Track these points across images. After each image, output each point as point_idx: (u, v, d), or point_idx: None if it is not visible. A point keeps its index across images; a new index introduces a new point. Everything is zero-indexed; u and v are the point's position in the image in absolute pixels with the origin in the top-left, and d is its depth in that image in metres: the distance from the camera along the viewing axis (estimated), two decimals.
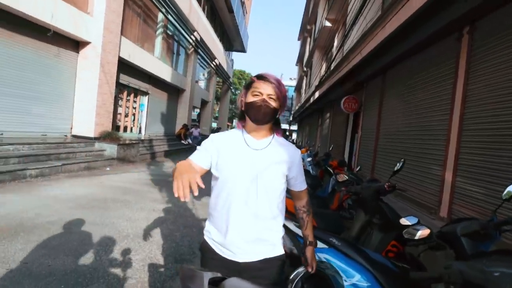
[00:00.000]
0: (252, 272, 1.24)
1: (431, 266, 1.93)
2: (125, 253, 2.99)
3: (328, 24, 13.99)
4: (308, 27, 23.23)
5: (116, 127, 10.78)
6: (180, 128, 15.61)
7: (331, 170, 5.31)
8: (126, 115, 11.86)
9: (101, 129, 8.80)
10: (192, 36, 15.18)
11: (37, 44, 7.18)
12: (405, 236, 1.96)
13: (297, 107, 31.71)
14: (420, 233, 1.90)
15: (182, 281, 1.12)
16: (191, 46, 16.04)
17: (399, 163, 2.61)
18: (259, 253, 1.28)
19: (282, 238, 1.36)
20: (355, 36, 7.96)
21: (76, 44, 8.33)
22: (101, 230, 3.48)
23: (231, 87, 31.59)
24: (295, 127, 41.57)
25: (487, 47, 3.70)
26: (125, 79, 10.92)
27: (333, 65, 11.18)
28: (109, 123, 9.28)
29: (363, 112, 8.76)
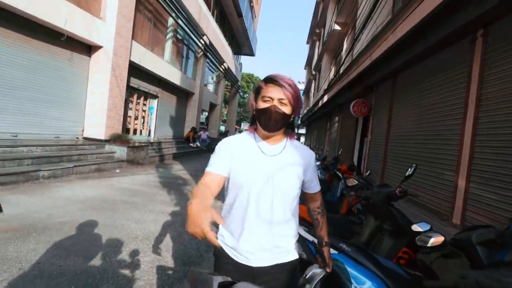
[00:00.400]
0: (266, 277, 1.23)
1: (443, 274, 1.87)
2: (133, 254, 3.01)
3: (337, 27, 13.95)
4: (317, 30, 23.20)
5: (126, 129, 10.92)
6: (189, 131, 15.72)
7: (340, 175, 5.26)
8: (136, 118, 12.02)
9: (111, 131, 8.93)
10: (202, 40, 15.33)
11: (51, 49, 7.36)
12: (418, 243, 1.91)
13: (305, 111, 31.59)
14: (433, 240, 1.85)
15: (192, 285, 1.12)
16: (200, 50, 16.19)
17: (410, 168, 2.56)
18: (273, 258, 1.26)
19: (296, 242, 1.34)
20: (365, 40, 7.91)
21: (88, 48, 8.51)
22: (110, 232, 3.52)
23: (240, 91, 31.71)
24: (303, 130, 41.44)
25: (501, 50, 3.62)
26: (136, 82, 11.08)
27: (342, 69, 11.12)
28: (119, 126, 9.42)
29: (372, 116, 8.67)
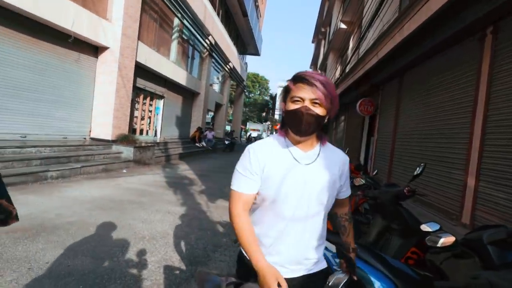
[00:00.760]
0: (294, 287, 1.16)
1: (454, 275, 1.84)
2: (141, 254, 3.02)
3: (343, 26, 13.86)
4: (323, 29, 23.08)
5: (132, 130, 11.00)
6: (195, 131, 15.79)
7: None
8: (142, 118, 12.10)
9: (118, 132, 9.01)
10: (207, 40, 15.37)
11: (59, 50, 7.45)
12: (428, 243, 1.88)
13: None
14: (443, 240, 1.82)
15: (199, 285, 1.11)
16: (205, 50, 16.24)
17: (419, 167, 2.53)
18: (302, 269, 1.18)
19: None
20: (371, 38, 7.84)
21: (95, 50, 8.60)
22: (118, 232, 3.55)
23: (245, 90, 31.72)
24: None
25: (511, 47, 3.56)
26: (142, 83, 11.16)
27: (348, 68, 11.04)
28: (126, 126, 9.50)
29: (379, 115, 8.59)
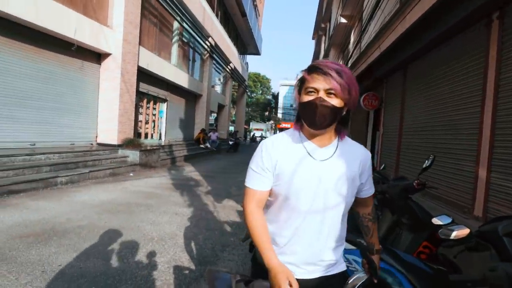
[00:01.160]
0: None
1: (468, 268, 1.80)
2: (150, 255, 3.04)
3: (343, 20, 13.77)
4: (322, 25, 22.97)
5: (137, 134, 11.08)
6: (199, 132, 15.83)
7: None
8: (147, 122, 12.18)
9: (123, 136, 9.08)
10: (207, 42, 15.41)
11: (62, 59, 7.54)
12: (441, 236, 1.85)
13: None
14: (457, 233, 1.78)
15: (210, 283, 1.10)
16: (206, 51, 16.28)
17: (427, 160, 2.47)
18: (319, 270, 1.13)
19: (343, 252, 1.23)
20: (373, 31, 7.77)
21: (98, 56, 8.67)
22: (127, 234, 3.57)
23: (247, 90, 31.72)
24: None
25: None
26: (145, 87, 11.23)
27: (350, 62, 10.97)
28: (131, 131, 9.57)
29: (384, 108, 8.52)
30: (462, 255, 1.82)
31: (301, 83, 1.06)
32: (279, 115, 58.25)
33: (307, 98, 1.02)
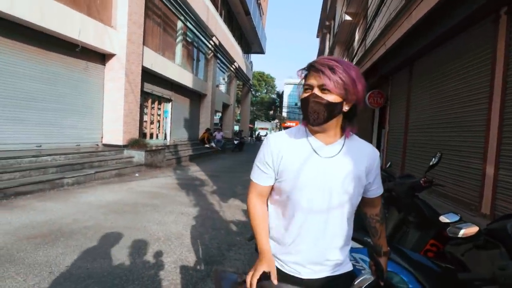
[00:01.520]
0: None
1: (476, 266, 1.77)
2: (157, 255, 3.05)
3: (348, 18, 13.66)
4: (327, 23, 22.84)
5: (142, 134, 11.15)
6: (203, 132, 15.87)
7: None
8: (152, 122, 12.24)
9: (129, 137, 9.14)
10: (211, 41, 15.42)
11: (67, 60, 7.60)
12: (449, 234, 1.82)
13: None
14: (465, 231, 1.76)
15: (216, 283, 1.10)
16: (210, 51, 16.29)
17: (434, 157, 2.44)
18: (324, 270, 1.12)
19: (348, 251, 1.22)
20: (378, 28, 7.70)
21: (102, 57, 8.73)
22: (133, 234, 3.59)
23: (251, 89, 31.69)
24: None
25: None
26: (149, 87, 11.28)
27: (356, 60, 10.89)
28: (136, 131, 9.62)
29: (389, 106, 8.44)
30: (470, 253, 1.80)
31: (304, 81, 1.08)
32: (284, 114, 58.15)
33: (303, 95, 1.04)
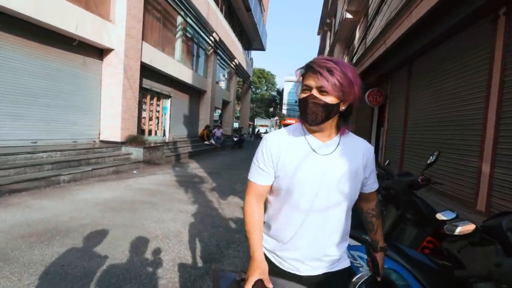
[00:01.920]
0: (315, 286, 1.13)
1: (470, 263, 1.79)
2: (155, 253, 3.04)
3: (349, 16, 13.61)
4: (328, 20, 22.75)
5: (141, 130, 11.08)
6: (203, 129, 15.85)
7: None
8: (150, 119, 12.19)
9: (127, 133, 9.09)
10: (211, 37, 15.33)
11: (64, 55, 7.52)
12: (446, 232, 1.84)
13: None
14: (461, 228, 1.77)
15: (214, 282, 1.10)
16: (210, 47, 16.20)
17: (432, 155, 2.47)
18: (323, 266, 1.13)
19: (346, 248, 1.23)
20: (378, 26, 7.67)
21: (100, 52, 8.65)
22: (131, 232, 3.58)
23: (252, 86, 31.64)
24: None
25: None
26: (148, 83, 11.22)
27: (356, 58, 10.87)
28: (134, 127, 9.57)
29: (388, 104, 8.44)
30: (465, 250, 1.81)
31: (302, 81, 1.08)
32: (284, 111, 58.11)
33: (301, 96, 1.05)
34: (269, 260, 1.16)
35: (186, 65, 13.89)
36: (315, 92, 1.01)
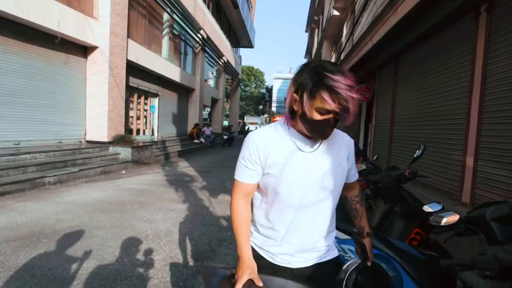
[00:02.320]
0: (306, 277, 1.15)
1: (457, 253, 1.85)
2: (146, 253, 3.01)
3: (336, 13, 13.71)
4: (316, 18, 22.86)
5: (129, 130, 10.92)
6: (192, 127, 15.72)
7: None
8: (138, 118, 12.01)
9: (114, 133, 8.93)
10: (199, 35, 15.18)
11: (47, 53, 7.31)
12: (432, 223, 1.89)
13: None
14: (447, 219, 1.83)
15: (205, 280, 1.10)
16: (198, 44, 16.05)
17: (418, 149, 2.52)
18: (313, 258, 1.17)
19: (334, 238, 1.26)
20: (365, 23, 7.76)
21: (84, 50, 8.44)
22: (120, 233, 3.53)
23: (241, 84, 31.53)
24: None
25: (507, 24, 3.51)
26: (135, 81, 11.03)
27: (343, 55, 10.97)
28: (121, 127, 9.41)
29: (376, 100, 8.57)
30: (451, 241, 1.87)
31: (313, 92, 0.97)
32: (273, 109, 58.22)
33: (319, 117, 0.98)
34: (260, 255, 1.17)
35: (173, 63, 13.72)
36: (334, 113, 0.97)
